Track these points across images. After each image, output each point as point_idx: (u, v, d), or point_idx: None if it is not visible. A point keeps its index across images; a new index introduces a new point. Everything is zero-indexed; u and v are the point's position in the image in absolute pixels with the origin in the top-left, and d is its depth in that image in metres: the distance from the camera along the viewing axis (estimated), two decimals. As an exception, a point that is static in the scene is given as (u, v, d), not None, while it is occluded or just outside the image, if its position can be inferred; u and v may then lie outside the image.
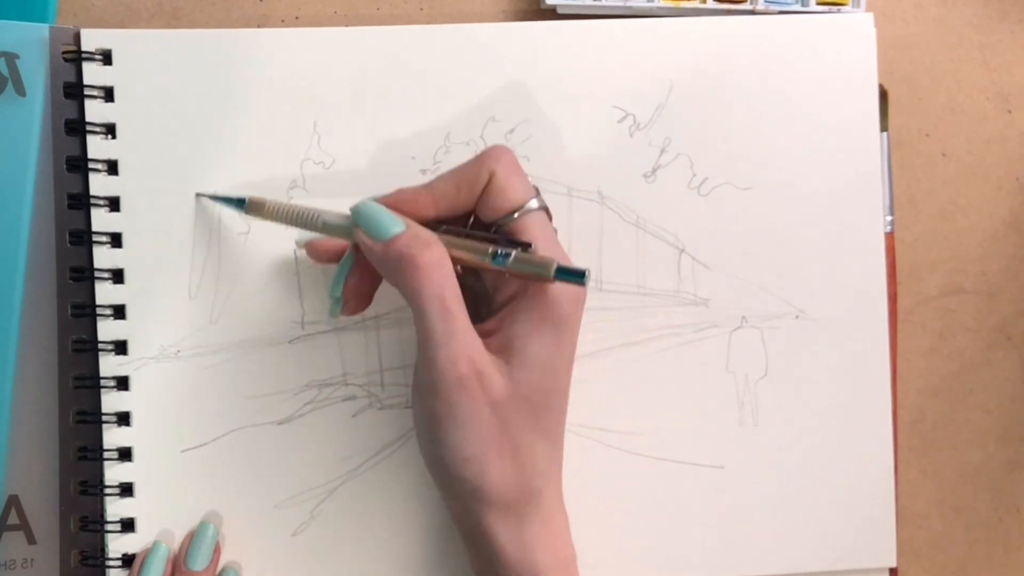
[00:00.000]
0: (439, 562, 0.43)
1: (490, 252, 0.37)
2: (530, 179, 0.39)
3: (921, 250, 0.47)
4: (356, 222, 0.38)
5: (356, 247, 0.39)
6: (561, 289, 0.37)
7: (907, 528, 0.47)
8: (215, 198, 0.42)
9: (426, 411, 0.36)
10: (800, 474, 0.44)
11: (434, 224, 0.38)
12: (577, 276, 0.36)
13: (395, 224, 0.37)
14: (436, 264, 0.36)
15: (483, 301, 0.40)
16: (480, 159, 0.38)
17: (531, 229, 0.37)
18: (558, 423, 0.38)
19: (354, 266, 0.39)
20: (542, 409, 0.37)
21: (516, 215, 0.37)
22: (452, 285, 0.36)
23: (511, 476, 0.36)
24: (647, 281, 0.43)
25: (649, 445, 0.44)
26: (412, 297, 0.36)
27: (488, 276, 0.39)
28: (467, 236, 0.38)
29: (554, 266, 0.36)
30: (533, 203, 0.38)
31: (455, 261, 0.37)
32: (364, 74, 0.43)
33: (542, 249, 0.37)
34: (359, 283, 0.40)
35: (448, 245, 0.37)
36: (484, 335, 0.37)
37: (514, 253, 0.36)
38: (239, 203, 0.41)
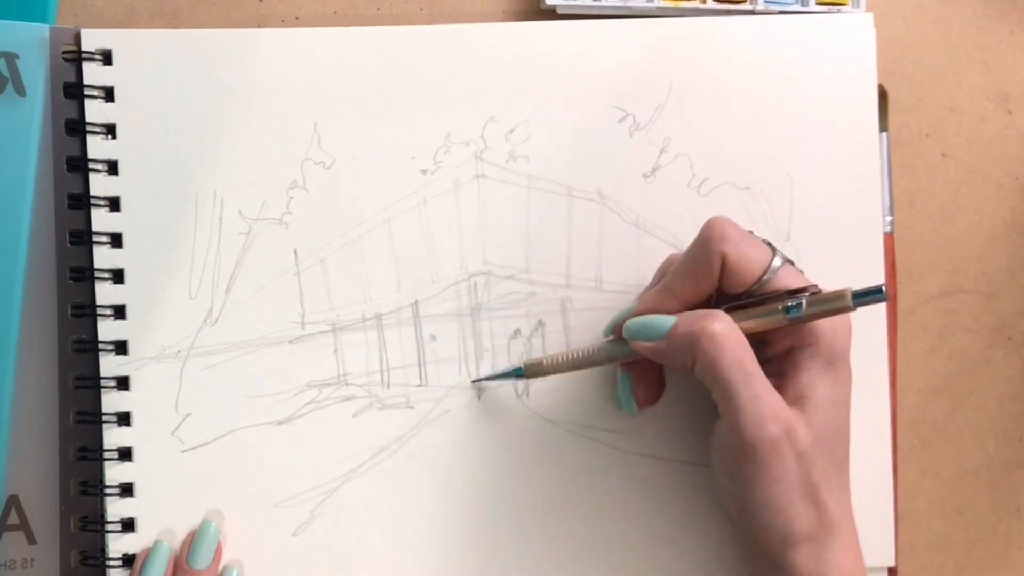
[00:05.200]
0: (438, 562, 0.43)
1: (782, 308, 0.37)
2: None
3: (921, 250, 0.47)
4: (633, 337, 0.39)
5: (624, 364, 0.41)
6: (832, 327, 0.37)
7: (907, 528, 0.47)
8: (491, 378, 0.43)
9: (734, 472, 0.37)
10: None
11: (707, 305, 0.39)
12: (875, 292, 0.36)
13: (667, 320, 0.38)
14: (728, 329, 0.36)
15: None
16: (706, 244, 0.38)
17: (790, 282, 0.38)
18: (846, 452, 0.38)
19: (633, 377, 0.41)
20: (836, 445, 0.38)
21: (766, 278, 0.38)
22: (747, 348, 0.37)
23: (814, 516, 0.37)
24: (647, 281, 0.43)
25: (649, 445, 0.44)
26: (710, 367, 0.36)
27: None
28: (746, 306, 0.38)
29: (850, 294, 0.36)
30: (777, 261, 0.38)
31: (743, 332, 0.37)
32: (364, 74, 0.43)
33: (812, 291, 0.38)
34: (646, 390, 0.41)
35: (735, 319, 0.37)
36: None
37: (805, 300, 0.37)
38: (517, 373, 0.42)
